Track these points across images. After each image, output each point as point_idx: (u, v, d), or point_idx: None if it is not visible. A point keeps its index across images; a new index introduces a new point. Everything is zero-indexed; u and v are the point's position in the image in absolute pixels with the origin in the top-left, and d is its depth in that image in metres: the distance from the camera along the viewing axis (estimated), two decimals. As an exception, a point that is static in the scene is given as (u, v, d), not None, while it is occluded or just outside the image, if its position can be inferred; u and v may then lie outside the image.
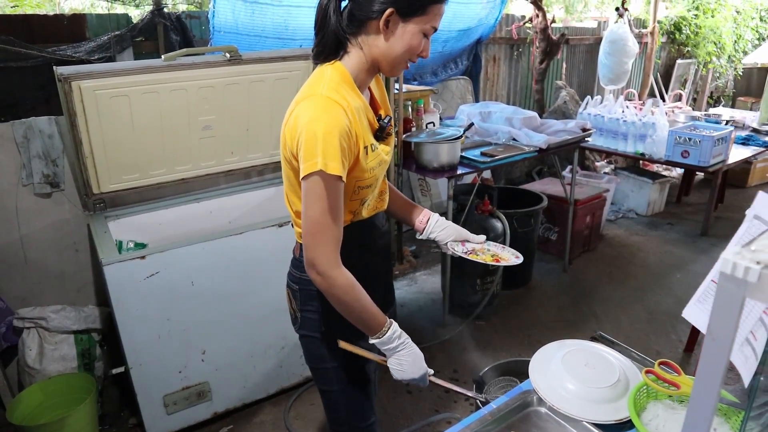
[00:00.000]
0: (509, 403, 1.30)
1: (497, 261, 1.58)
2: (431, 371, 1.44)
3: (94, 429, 2.34)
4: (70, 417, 2.15)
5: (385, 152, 1.38)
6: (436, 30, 1.30)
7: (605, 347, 1.43)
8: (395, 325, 1.34)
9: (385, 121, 1.37)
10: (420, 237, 1.64)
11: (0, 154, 2.44)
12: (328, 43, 1.29)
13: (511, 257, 1.61)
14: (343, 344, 1.42)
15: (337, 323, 1.43)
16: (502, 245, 1.66)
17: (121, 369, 2.62)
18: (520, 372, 2.06)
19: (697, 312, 1.44)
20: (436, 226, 1.60)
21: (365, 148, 1.29)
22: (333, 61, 1.30)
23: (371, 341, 1.34)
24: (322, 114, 1.19)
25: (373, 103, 1.41)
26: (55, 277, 2.66)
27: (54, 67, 2.34)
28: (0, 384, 2.36)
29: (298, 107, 1.24)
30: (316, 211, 1.21)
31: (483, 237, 1.64)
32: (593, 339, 1.55)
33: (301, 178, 1.21)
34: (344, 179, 1.22)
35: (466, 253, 1.59)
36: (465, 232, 1.62)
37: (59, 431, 2.15)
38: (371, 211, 1.44)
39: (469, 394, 1.54)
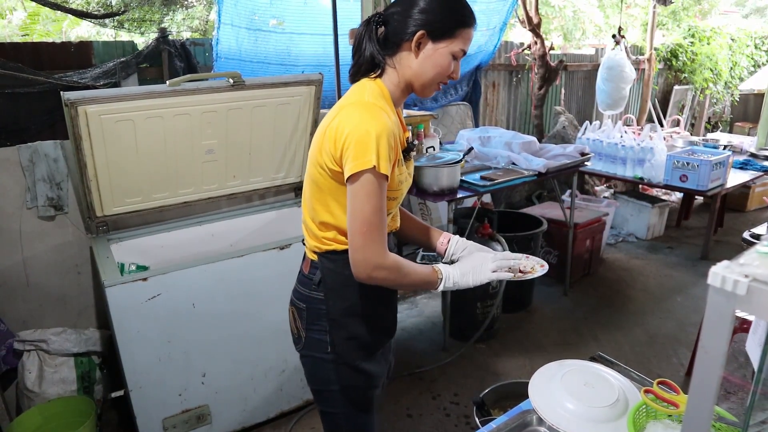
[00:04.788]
0: (509, 422, 1.30)
1: (521, 272, 1.48)
2: (492, 267, 1.40)
3: (92, 453, 2.32)
4: (68, 440, 2.15)
5: (408, 172, 1.44)
6: (465, 53, 1.36)
7: (604, 367, 1.44)
8: (439, 267, 1.37)
9: (414, 143, 1.44)
10: (443, 261, 1.58)
11: (5, 177, 2.46)
12: (363, 64, 1.37)
13: (536, 268, 1.52)
14: None
15: (344, 344, 1.43)
16: (526, 255, 1.56)
17: (121, 393, 2.61)
18: (520, 394, 2.06)
19: None
20: (457, 248, 1.56)
21: (397, 160, 1.34)
22: (373, 77, 1.37)
23: (439, 290, 1.38)
24: (371, 117, 1.24)
25: (401, 124, 1.47)
26: (57, 299, 2.66)
27: (61, 93, 2.38)
28: (-1, 407, 2.36)
29: (342, 112, 1.29)
30: (367, 210, 1.23)
31: (508, 254, 1.54)
32: (592, 359, 1.56)
33: (347, 177, 1.23)
34: (387, 182, 1.26)
35: None
36: (488, 251, 1.53)
37: (57, 455, 2.14)
38: (388, 230, 1.46)
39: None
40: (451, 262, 1.51)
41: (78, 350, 2.47)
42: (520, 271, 1.47)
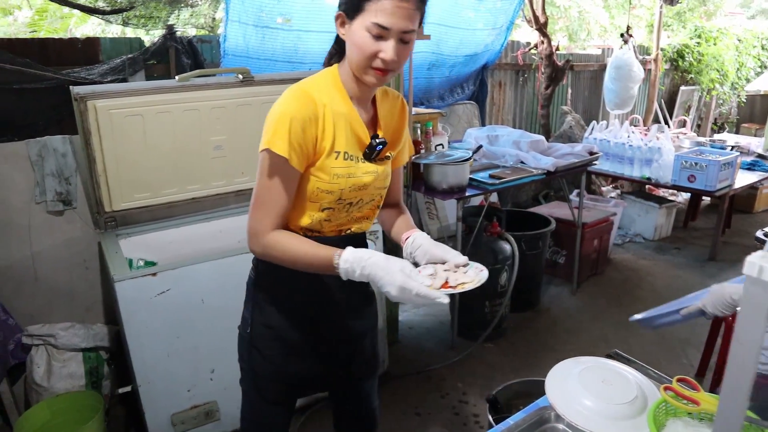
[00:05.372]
0: (527, 419, 1.29)
1: (446, 287, 1.26)
2: (395, 295, 1.18)
3: (100, 449, 2.32)
4: (78, 435, 2.14)
5: (363, 171, 1.35)
6: (385, 28, 1.19)
7: (622, 364, 1.42)
8: (347, 252, 1.23)
9: (376, 141, 1.35)
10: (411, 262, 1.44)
11: (14, 172, 2.46)
12: (330, 53, 1.39)
13: (468, 283, 1.27)
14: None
15: (260, 329, 1.47)
16: (482, 267, 1.32)
17: (128, 388, 2.60)
18: (533, 392, 2.04)
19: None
20: (412, 247, 1.40)
21: (337, 152, 1.30)
22: (334, 64, 1.36)
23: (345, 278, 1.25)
24: (287, 99, 1.26)
25: (374, 122, 1.41)
26: (65, 294, 2.66)
27: (70, 87, 2.38)
28: (7, 401, 2.35)
29: None
30: (259, 186, 1.28)
31: (464, 258, 1.33)
32: (609, 356, 1.55)
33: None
34: (292, 163, 1.24)
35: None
36: (441, 252, 1.34)
37: (66, 450, 2.14)
38: (334, 229, 1.40)
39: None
40: (416, 264, 1.37)
41: (86, 345, 2.47)
42: (447, 284, 1.26)
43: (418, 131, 3.28)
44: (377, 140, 1.35)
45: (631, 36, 5.36)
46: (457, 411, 2.70)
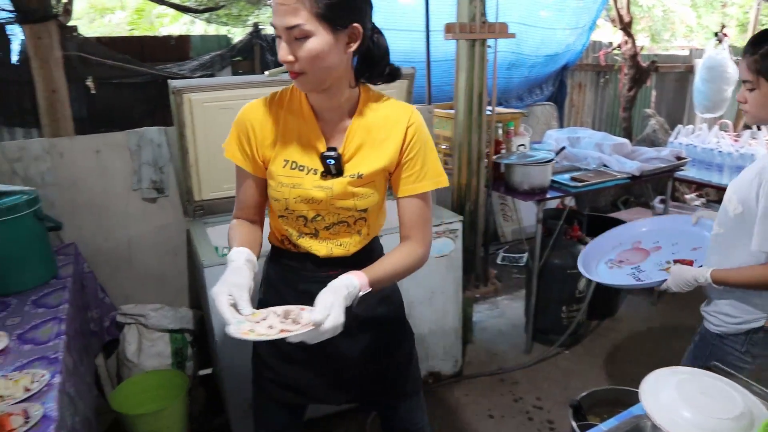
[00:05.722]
0: (620, 426, 1.25)
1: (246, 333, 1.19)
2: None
3: (185, 424, 2.44)
4: (167, 409, 2.25)
5: (314, 184, 1.29)
6: (275, 27, 1.15)
7: (722, 378, 1.35)
8: (230, 253, 1.29)
9: (326, 154, 1.28)
10: None
11: (117, 160, 2.61)
12: None
13: (267, 334, 1.16)
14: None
15: None
16: (311, 328, 1.13)
17: (209, 371, 2.72)
18: (617, 401, 1.98)
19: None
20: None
21: (286, 161, 1.30)
22: None
23: None
24: (244, 106, 1.36)
25: (339, 137, 1.31)
26: (155, 278, 2.80)
27: (168, 81, 2.50)
28: (102, 374, 2.51)
29: None
30: None
31: (318, 318, 1.12)
32: (707, 368, 1.47)
33: None
34: (237, 162, 1.35)
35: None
36: (318, 301, 1.16)
37: (156, 422, 2.26)
38: (305, 247, 1.37)
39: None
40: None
41: (173, 327, 2.59)
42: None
43: (500, 131, 3.24)
44: (326, 153, 1.28)
45: (725, 35, 5.08)
46: (531, 416, 2.65)
